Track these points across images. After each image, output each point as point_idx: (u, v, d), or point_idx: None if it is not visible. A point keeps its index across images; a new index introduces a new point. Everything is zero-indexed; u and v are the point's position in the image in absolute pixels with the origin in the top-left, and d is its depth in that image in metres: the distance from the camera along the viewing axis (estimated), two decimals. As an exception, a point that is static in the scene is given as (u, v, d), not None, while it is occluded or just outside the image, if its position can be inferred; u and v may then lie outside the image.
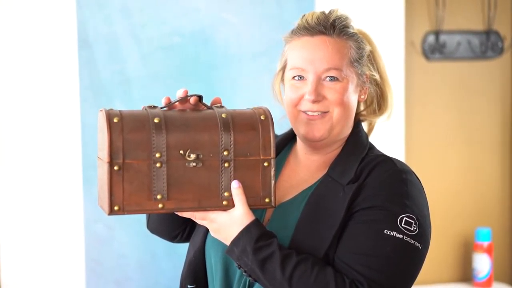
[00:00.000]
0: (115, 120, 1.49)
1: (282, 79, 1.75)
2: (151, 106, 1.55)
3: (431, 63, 2.99)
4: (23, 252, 2.58)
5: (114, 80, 2.69)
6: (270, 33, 2.80)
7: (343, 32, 1.68)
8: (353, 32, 1.70)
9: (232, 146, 1.53)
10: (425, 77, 2.99)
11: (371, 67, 1.74)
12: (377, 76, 1.76)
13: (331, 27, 1.67)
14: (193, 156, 1.51)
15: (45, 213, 2.60)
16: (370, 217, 1.57)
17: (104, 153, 1.50)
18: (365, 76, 1.72)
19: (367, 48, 1.73)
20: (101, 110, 1.53)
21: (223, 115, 1.55)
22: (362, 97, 1.73)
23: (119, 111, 1.52)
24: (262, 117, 1.57)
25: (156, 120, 1.51)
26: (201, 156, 1.52)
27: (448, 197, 3.03)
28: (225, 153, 1.53)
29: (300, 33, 1.69)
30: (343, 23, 1.69)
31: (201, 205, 1.54)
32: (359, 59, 1.69)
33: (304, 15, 1.71)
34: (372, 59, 1.76)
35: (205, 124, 1.53)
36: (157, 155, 1.50)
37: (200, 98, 1.59)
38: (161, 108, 1.57)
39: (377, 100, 1.79)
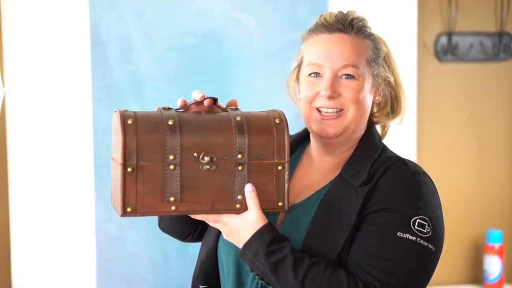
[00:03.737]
0: (130, 121, 1.49)
1: (297, 78, 1.75)
2: (165, 108, 1.55)
3: (444, 65, 2.98)
4: (35, 251, 2.59)
5: (126, 80, 2.69)
6: (283, 35, 2.79)
7: (361, 31, 1.68)
8: (370, 32, 1.71)
9: (246, 149, 1.53)
10: (437, 79, 2.98)
11: (386, 69, 1.74)
12: (391, 79, 1.76)
13: (349, 25, 1.67)
14: (207, 158, 1.51)
15: (57, 213, 2.60)
16: (383, 219, 1.57)
17: (118, 155, 1.50)
18: (380, 78, 1.72)
19: (384, 49, 1.73)
20: (115, 111, 1.53)
21: (238, 118, 1.54)
22: (377, 98, 1.73)
23: (134, 112, 1.52)
24: (277, 121, 1.56)
25: (170, 122, 1.51)
26: (215, 159, 1.52)
27: (459, 199, 3.03)
28: (239, 156, 1.53)
29: (318, 30, 1.69)
30: (361, 23, 1.69)
31: (214, 208, 1.54)
32: (376, 59, 1.70)
33: (322, 14, 1.72)
34: (388, 61, 1.76)
35: (219, 126, 1.53)
36: (171, 157, 1.50)
37: (215, 100, 1.59)
38: (176, 110, 1.57)
39: (391, 103, 1.79)
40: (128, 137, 1.48)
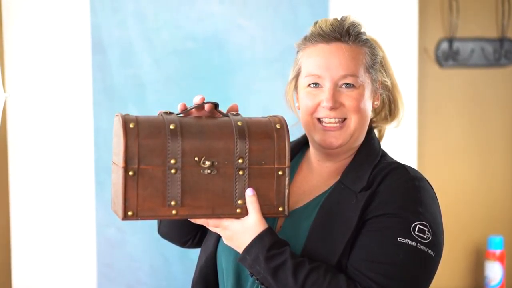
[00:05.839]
0: (131, 125, 1.49)
1: (296, 87, 1.75)
2: (167, 112, 1.55)
3: (445, 70, 2.98)
4: (35, 255, 2.59)
5: (127, 84, 2.69)
6: (284, 39, 2.80)
7: (358, 38, 1.68)
8: (366, 39, 1.70)
9: (247, 154, 1.53)
10: (438, 84, 2.98)
11: (383, 72, 1.74)
12: (389, 82, 1.76)
13: (346, 33, 1.66)
14: (208, 163, 1.51)
15: (57, 217, 2.60)
16: (383, 224, 1.57)
17: (119, 158, 1.50)
18: (378, 83, 1.72)
19: (380, 54, 1.73)
20: (117, 115, 1.53)
21: (239, 123, 1.55)
22: (376, 103, 1.73)
23: (135, 116, 1.52)
24: (278, 126, 1.56)
25: (172, 127, 1.51)
26: (216, 163, 1.52)
27: (460, 204, 3.02)
28: (240, 161, 1.53)
29: (314, 40, 1.68)
30: (357, 29, 1.69)
31: (215, 212, 1.54)
32: (373, 65, 1.69)
33: (317, 22, 1.71)
34: (384, 65, 1.76)
35: (220, 131, 1.53)
36: (172, 161, 1.50)
37: (216, 105, 1.59)
38: (177, 114, 1.57)
39: (388, 106, 1.79)
40: (129, 141, 1.48)
